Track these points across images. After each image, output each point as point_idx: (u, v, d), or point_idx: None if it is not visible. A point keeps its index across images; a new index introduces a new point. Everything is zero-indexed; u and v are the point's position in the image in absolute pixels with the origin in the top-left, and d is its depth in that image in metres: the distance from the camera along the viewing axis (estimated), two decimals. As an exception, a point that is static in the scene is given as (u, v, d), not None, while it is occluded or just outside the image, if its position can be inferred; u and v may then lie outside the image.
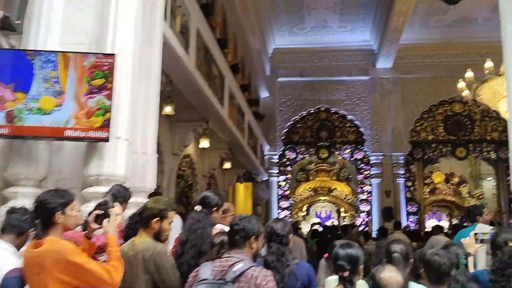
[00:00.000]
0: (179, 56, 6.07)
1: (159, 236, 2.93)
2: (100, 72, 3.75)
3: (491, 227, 5.02)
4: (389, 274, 2.21)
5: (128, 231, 3.29)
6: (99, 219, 2.67)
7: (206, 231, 3.19)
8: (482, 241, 3.16)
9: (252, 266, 2.42)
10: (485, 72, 9.22)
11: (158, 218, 2.84)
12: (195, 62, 6.87)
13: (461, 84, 10.15)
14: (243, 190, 16.92)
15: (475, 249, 3.06)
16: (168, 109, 7.62)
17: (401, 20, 11.79)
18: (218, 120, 8.86)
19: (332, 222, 15.61)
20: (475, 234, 3.25)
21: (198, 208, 3.34)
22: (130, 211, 3.50)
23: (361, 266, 2.63)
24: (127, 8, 4.03)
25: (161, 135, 8.38)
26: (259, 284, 2.34)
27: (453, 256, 2.53)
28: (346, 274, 2.50)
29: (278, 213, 15.15)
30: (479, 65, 10.73)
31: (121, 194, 3.36)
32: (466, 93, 10.26)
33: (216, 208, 3.45)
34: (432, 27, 13.98)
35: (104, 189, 3.50)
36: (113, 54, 3.79)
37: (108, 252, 2.52)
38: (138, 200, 4.20)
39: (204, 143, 9.82)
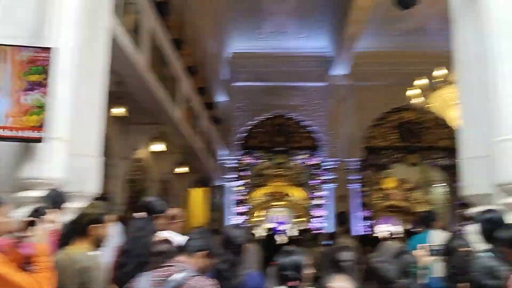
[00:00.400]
0: (130, 55, 5.84)
1: (98, 243, 2.74)
2: (37, 68, 3.50)
3: (444, 233, 5.07)
4: (339, 284, 2.12)
5: (63, 240, 3.06)
6: (29, 226, 2.46)
7: (149, 239, 3.00)
8: (437, 253, 3.11)
9: (193, 276, 2.27)
10: (436, 80, 9.44)
11: (96, 224, 2.66)
12: (147, 63, 6.63)
13: (411, 92, 10.37)
14: (198, 195, 16.66)
15: (428, 262, 3.01)
16: (119, 111, 7.32)
17: (356, 27, 11.96)
18: (172, 124, 8.62)
19: (285, 229, 15.59)
20: (428, 246, 3.20)
21: (140, 214, 3.14)
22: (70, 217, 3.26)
23: (307, 272, 2.53)
24: (69, 0, 3.79)
25: (112, 137, 8.07)
26: None
27: (401, 264, 2.46)
28: (294, 283, 2.38)
29: (234, 218, 14.98)
30: (430, 74, 11.03)
31: (57, 199, 3.12)
32: (417, 100, 10.49)
33: (160, 214, 3.26)
34: (386, 35, 14.27)
35: (38, 193, 3.25)
36: (51, 48, 3.54)
37: (36, 262, 2.31)
38: (78, 206, 3.95)
39: (158, 147, 9.56)
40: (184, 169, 11.90)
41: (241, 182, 15.55)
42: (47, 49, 3.51)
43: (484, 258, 2.06)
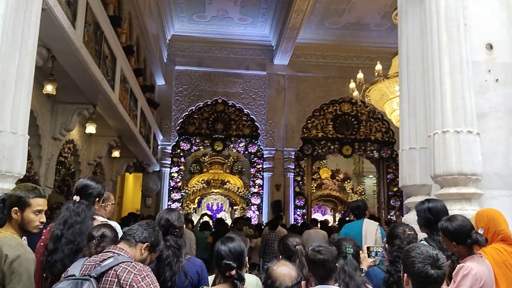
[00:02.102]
0: (64, 28, 5.44)
1: (24, 228, 2.52)
2: (-43, 32, 3.12)
3: (377, 223, 5.23)
4: (283, 267, 2.07)
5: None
6: None
7: (85, 225, 2.78)
8: (376, 254, 3.15)
9: (125, 261, 2.12)
10: (375, 74, 9.70)
11: (17, 207, 2.46)
12: (82, 38, 6.23)
13: (352, 85, 10.60)
14: (132, 181, 16.22)
15: (368, 263, 3.04)
16: (49, 88, 6.83)
17: (299, 17, 12.02)
18: (107, 105, 8.20)
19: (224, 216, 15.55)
20: (368, 247, 3.24)
21: (76, 198, 2.91)
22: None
23: (246, 259, 2.47)
24: (-3, -39, 3.42)
25: (41, 116, 7.58)
26: (131, 279, 2.05)
27: (333, 249, 2.44)
28: (233, 272, 2.30)
29: (169, 205, 14.70)
30: (368, 68, 11.35)
31: None
32: (355, 93, 10.74)
33: (97, 199, 3.05)
34: (327, 28, 14.52)
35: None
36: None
37: None
38: (4, 187, 3.63)
39: (91, 129, 9.09)
40: (118, 153, 11.44)
41: (177, 168, 15.26)
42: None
43: (426, 247, 2.08)
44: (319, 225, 9.65)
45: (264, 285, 2.09)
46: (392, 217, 14.87)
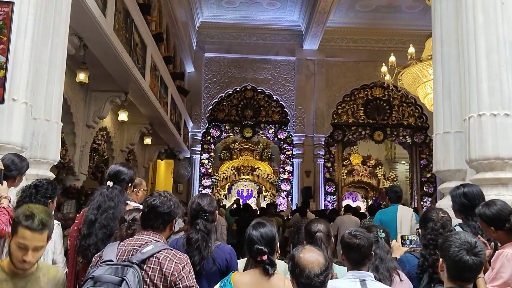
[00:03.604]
0: (95, 16, 5.50)
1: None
2: (-7, 23, 3.20)
3: (412, 209, 5.13)
4: (310, 254, 2.03)
5: (22, 205, 2.86)
6: None
7: (118, 210, 2.82)
8: (411, 242, 3.07)
9: (165, 249, 2.13)
10: (407, 57, 9.45)
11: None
12: (113, 26, 6.30)
13: (384, 68, 10.38)
14: (164, 167, 16.43)
15: (402, 253, 2.98)
16: (81, 76, 6.97)
17: (329, 1, 11.80)
18: (138, 92, 8.30)
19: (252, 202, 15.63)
20: (402, 236, 3.17)
21: (110, 183, 2.94)
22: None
23: (278, 244, 2.45)
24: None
25: (74, 104, 7.74)
26: (172, 269, 2.06)
27: (371, 236, 2.41)
28: (265, 257, 2.29)
29: (200, 191, 14.85)
30: (400, 52, 11.08)
31: (15, 166, 2.90)
32: (387, 77, 10.52)
33: (130, 184, 3.09)
34: (358, 11, 14.22)
35: (-4, 158, 3.02)
36: (11, 2, 3.26)
37: None
38: (39, 173, 3.74)
39: (123, 116, 9.25)
40: (150, 140, 11.61)
41: (207, 155, 15.38)
42: (7, 3, 3.22)
43: (465, 233, 2.01)
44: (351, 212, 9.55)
45: (291, 274, 2.05)
46: (425, 204, 14.60)
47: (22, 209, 2.05)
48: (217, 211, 2.87)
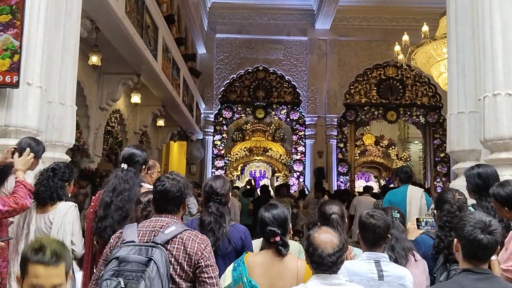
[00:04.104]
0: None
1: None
2: (6, 7, 3.23)
3: (422, 189, 5.12)
4: (325, 234, 2.06)
5: (40, 188, 2.93)
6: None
7: (134, 192, 2.86)
8: (426, 224, 3.07)
9: (187, 230, 2.18)
10: (421, 36, 9.31)
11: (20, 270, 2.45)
12: (124, 8, 6.28)
13: (397, 48, 10.25)
14: (177, 149, 16.54)
15: (417, 235, 2.99)
16: (94, 59, 7.00)
17: (341, -21, 11.61)
18: (150, 74, 8.31)
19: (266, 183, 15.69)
20: (417, 219, 3.17)
21: (124, 166, 2.97)
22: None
23: (290, 225, 2.48)
24: None
25: (87, 87, 7.79)
26: (196, 248, 2.12)
27: (388, 218, 2.43)
28: (278, 238, 2.33)
29: (213, 172, 14.97)
30: (413, 31, 10.91)
31: (32, 149, 2.95)
32: (401, 56, 10.39)
33: (144, 166, 3.13)
34: (371, -11, 13.97)
35: (13, 141, 3.08)
36: (23, -13, 3.26)
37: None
38: (55, 156, 3.80)
39: (135, 98, 9.28)
40: (163, 122, 11.67)
41: (220, 136, 15.42)
42: (17, -14, 3.23)
43: (480, 213, 2.01)
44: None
45: (306, 252, 2.09)
46: (439, 184, 14.52)
47: (30, 243, 1.78)
48: (230, 193, 2.90)
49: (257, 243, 2.88)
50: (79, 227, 3.03)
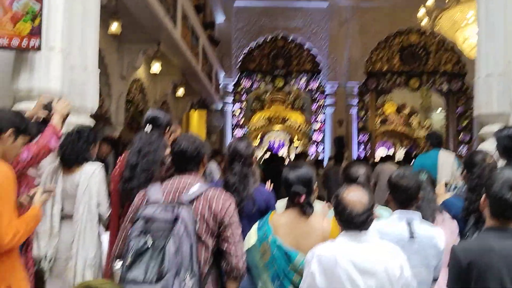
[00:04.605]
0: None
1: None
2: (26, -30, 3.20)
3: (453, 154, 5.03)
4: (354, 194, 2.04)
5: (66, 150, 2.96)
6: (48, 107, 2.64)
7: (159, 154, 2.88)
8: (455, 188, 3.03)
9: (210, 188, 2.20)
10: (446, 1, 9.01)
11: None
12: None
13: (420, 13, 9.94)
14: (197, 118, 16.57)
15: (445, 199, 2.94)
16: (114, 27, 6.97)
17: None
18: (170, 42, 8.27)
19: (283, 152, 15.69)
20: (446, 183, 3.12)
21: (148, 128, 2.98)
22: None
23: (315, 185, 2.46)
24: None
25: (108, 56, 7.80)
26: (220, 207, 2.13)
27: (419, 178, 2.39)
28: (303, 198, 2.31)
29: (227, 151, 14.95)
30: (439, -6, 10.52)
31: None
32: (424, 22, 10.09)
33: (167, 128, 3.13)
34: (394, -49, 13.49)
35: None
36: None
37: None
38: (78, 121, 3.81)
39: (156, 67, 9.27)
40: (183, 92, 11.66)
41: (239, 105, 15.38)
42: None
43: (506, 171, 1.95)
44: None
45: (335, 211, 2.08)
46: (461, 152, 14.30)
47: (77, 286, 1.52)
48: (253, 153, 2.88)
49: (281, 203, 2.88)
50: (105, 188, 3.08)
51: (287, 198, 2.48)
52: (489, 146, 3.29)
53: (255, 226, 2.45)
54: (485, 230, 1.95)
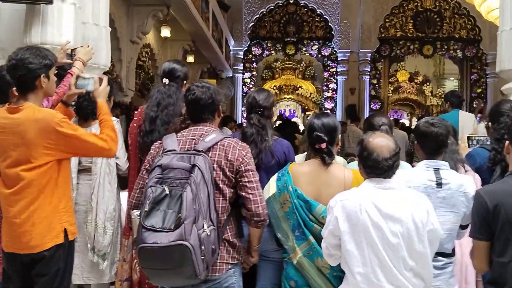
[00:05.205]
0: None
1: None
2: None
3: (473, 115, 4.93)
4: (380, 138, 1.98)
5: (83, 102, 2.93)
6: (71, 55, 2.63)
7: (178, 106, 2.83)
8: (477, 142, 2.94)
9: (227, 137, 2.16)
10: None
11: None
12: None
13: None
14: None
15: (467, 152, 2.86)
16: (123, -12, 6.84)
17: None
18: (180, 5, 8.09)
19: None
20: (468, 137, 3.03)
21: (166, 81, 2.92)
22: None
23: (339, 136, 2.41)
24: None
25: (117, 19, 7.68)
26: (237, 154, 2.10)
27: (449, 124, 2.32)
28: (324, 145, 2.25)
29: (243, 110, 14.90)
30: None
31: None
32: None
33: (185, 81, 3.06)
34: None
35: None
36: None
37: (100, 121, 2.29)
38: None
39: (165, 32, 9.15)
40: (192, 58, 11.53)
41: (250, 74, 15.20)
42: None
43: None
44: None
45: (359, 157, 2.03)
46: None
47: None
48: (272, 104, 2.82)
49: (299, 157, 2.83)
50: (122, 141, 3.04)
51: (304, 153, 2.44)
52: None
53: (274, 177, 2.41)
54: (509, 174, 1.90)
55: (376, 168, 1.93)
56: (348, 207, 1.93)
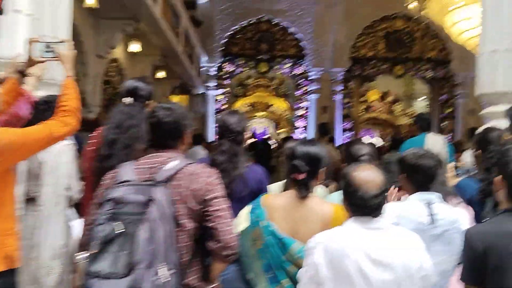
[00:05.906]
0: None
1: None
2: None
3: (443, 137, 4.82)
4: (366, 172, 1.75)
5: (30, 121, 2.60)
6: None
7: (142, 128, 2.53)
8: (467, 171, 2.81)
9: (191, 163, 1.87)
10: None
11: None
12: None
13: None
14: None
15: (455, 183, 2.71)
16: (91, 2, 6.54)
17: None
18: (150, 20, 7.85)
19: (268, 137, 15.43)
20: (456, 165, 2.90)
21: (128, 100, 2.64)
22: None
23: (323, 169, 2.15)
24: None
25: (83, 32, 7.36)
26: (202, 182, 1.81)
27: (437, 156, 2.14)
28: (302, 176, 2.00)
29: (215, 127, 14.64)
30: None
31: None
32: (413, 5, 9.89)
33: (149, 100, 2.77)
34: None
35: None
36: None
37: (62, 97, 2.10)
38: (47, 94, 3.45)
39: (135, 47, 8.86)
40: (163, 74, 11.25)
41: (222, 90, 14.98)
42: None
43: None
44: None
45: (344, 194, 1.80)
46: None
47: None
48: (246, 132, 2.58)
49: (276, 185, 2.60)
50: (76, 168, 2.73)
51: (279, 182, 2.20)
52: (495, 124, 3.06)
53: (245, 209, 2.15)
54: (502, 213, 1.73)
55: (364, 207, 1.71)
56: (330, 250, 1.70)
